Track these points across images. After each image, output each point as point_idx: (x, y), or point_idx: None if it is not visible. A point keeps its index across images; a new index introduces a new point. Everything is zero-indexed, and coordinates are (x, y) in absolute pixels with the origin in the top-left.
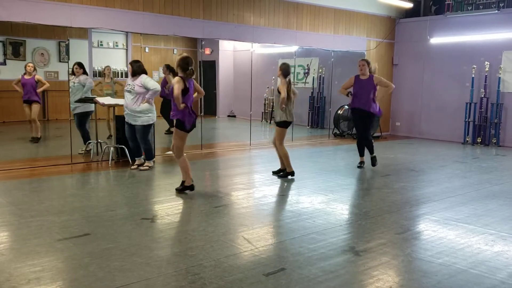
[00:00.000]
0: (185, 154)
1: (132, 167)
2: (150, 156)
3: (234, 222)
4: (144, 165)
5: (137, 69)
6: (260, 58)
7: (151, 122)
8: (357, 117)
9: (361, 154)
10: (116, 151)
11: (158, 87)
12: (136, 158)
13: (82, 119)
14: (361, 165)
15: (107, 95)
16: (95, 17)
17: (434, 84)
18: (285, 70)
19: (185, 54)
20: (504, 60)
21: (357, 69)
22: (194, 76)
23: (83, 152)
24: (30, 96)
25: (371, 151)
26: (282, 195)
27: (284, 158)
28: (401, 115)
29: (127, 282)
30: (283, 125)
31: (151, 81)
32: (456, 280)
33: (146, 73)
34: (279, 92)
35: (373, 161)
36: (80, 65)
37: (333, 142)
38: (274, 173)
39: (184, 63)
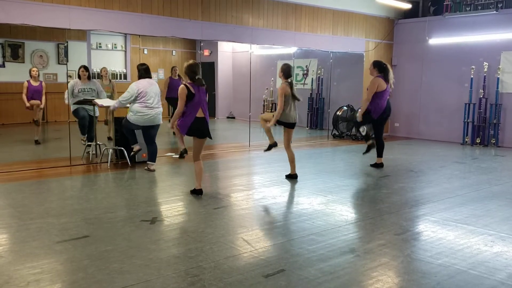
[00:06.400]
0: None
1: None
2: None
3: (234, 224)
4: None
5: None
6: (259, 60)
7: None
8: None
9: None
10: (115, 153)
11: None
12: (149, 162)
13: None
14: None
15: (106, 97)
16: (93, 19)
17: (433, 85)
18: (286, 71)
19: (191, 61)
20: (503, 61)
21: (374, 72)
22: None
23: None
24: (37, 99)
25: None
26: (282, 197)
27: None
28: (400, 116)
29: (126, 284)
30: (279, 123)
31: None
32: (456, 281)
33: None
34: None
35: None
36: (86, 68)
37: (332, 143)
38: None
39: (191, 71)
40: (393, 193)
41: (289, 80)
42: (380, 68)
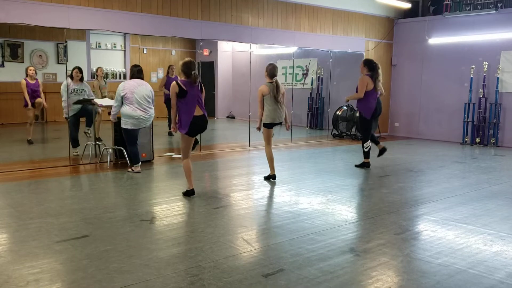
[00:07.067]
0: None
1: (133, 169)
2: None
3: (233, 223)
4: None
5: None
6: (259, 59)
7: None
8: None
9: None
10: (114, 152)
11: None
12: (136, 164)
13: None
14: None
15: (103, 96)
16: (93, 18)
17: (432, 85)
18: (270, 71)
19: (187, 59)
20: (502, 60)
21: (364, 70)
22: (198, 79)
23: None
24: (36, 98)
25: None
26: (281, 196)
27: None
28: (400, 116)
29: (125, 283)
30: (264, 125)
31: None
32: (455, 280)
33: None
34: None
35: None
36: (80, 70)
37: (332, 143)
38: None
39: (187, 67)
40: (392, 192)
41: (273, 81)
42: (370, 66)
